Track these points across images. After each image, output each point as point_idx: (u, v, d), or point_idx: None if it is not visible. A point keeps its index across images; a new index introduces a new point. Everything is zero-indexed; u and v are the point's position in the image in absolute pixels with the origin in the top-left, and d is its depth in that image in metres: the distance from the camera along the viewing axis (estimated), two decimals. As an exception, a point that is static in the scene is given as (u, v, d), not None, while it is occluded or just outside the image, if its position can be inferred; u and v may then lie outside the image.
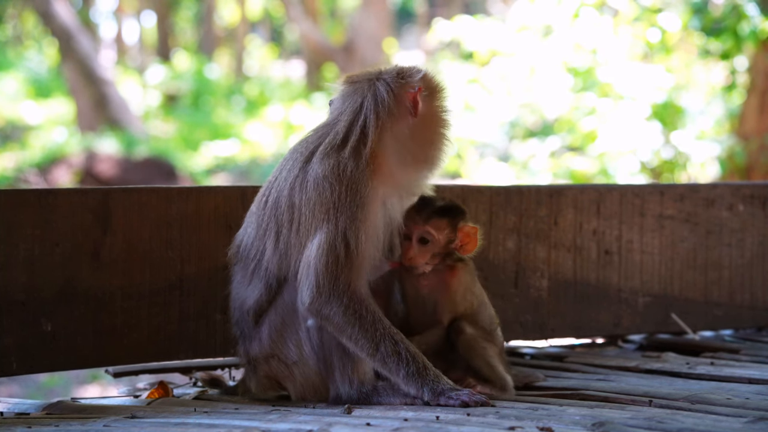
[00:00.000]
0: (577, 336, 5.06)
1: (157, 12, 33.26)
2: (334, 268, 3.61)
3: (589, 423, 3.21)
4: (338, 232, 3.62)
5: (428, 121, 3.80)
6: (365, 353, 3.63)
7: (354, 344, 3.64)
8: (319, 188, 3.67)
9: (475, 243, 3.90)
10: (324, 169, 3.69)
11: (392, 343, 3.60)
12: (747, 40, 10.10)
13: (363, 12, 24.53)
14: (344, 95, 3.85)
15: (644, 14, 11.77)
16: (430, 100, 3.80)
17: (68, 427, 3.49)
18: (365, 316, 3.62)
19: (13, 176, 17.46)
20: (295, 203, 3.73)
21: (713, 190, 5.23)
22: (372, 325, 3.61)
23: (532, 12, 12.59)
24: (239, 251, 3.92)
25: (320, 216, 3.66)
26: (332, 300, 3.61)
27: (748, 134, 11.60)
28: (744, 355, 4.75)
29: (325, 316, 3.64)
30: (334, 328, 3.65)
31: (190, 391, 4.29)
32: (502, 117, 13.57)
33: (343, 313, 3.61)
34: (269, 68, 33.25)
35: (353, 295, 3.63)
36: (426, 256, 3.85)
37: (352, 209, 3.63)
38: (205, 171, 19.15)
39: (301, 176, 3.75)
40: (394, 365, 3.60)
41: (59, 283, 4.07)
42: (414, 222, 3.83)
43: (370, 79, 3.81)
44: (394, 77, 3.78)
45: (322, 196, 3.66)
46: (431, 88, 3.82)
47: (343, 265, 3.61)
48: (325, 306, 3.62)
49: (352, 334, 3.63)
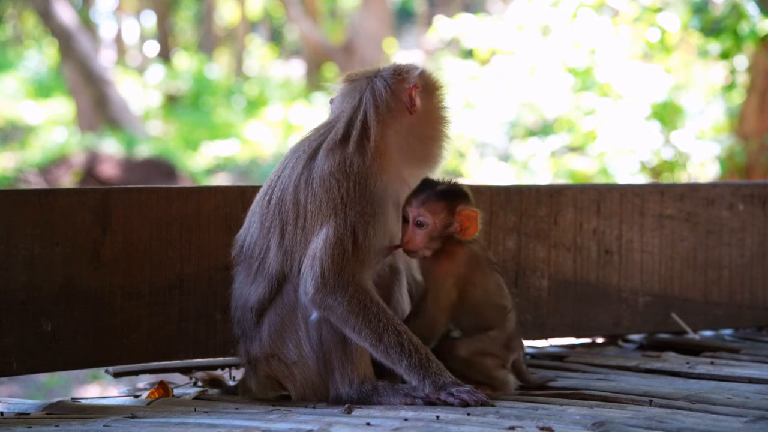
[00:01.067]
0: (577, 336, 5.06)
1: (157, 12, 33.24)
2: (339, 261, 3.62)
3: (589, 422, 3.21)
4: (347, 226, 3.63)
5: (427, 117, 3.82)
6: (368, 344, 3.63)
7: (357, 335, 3.64)
8: (326, 184, 3.69)
9: (475, 227, 3.79)
10: (330, 165, 3.71)
11: (395, 334, 3.60)
12: (747, 40, 10.10)
13: (363, 12, 24.52)
14: (344, 94, 3.89)
15: (644, 14, 11.77)
16: (427, 96, 3.82)
17: (68, 427, 3.49)
18: (369, 307, 3.62)
19: (13, 176, 17.47)
20: (301, 200, 3.74)
21: (713, 189, 5.23)
22: (376, 316, 3.61)
23: (531, 12, 12.58)
24: (242, 251, 3.92)
25: (327, 212, 3.67)
26: (336, 290, 3.62)
27: (748, 134, 11.60)
28: (744, 355, 4.75)
29: (328, 306, 3.64)
30: (337, 318, 3.65)
31: (191, 391, 4.29)
32: (502, 116, 13.56)
33: (348, 303, 3.61)
34: (269, 68, 33.25)
35: (357, 286, 3.63)
36: (424, 240, 3.77)
37: (361, 204, 3.65)
38: (205, 171, 19.16)
39: (306, 173, 3.76)
40: (396, 356, 3.59)
41: (59, 282, 4.07)
42: (410, 204, 3.78)
43: (368, 76, 3.84)
44: (391, 74, 3.81)
45: (329, 192, 3.68)
46: (429, 85, 3.84)
47: (349, 258, 3.63)
48: (329, 296, 3.63)
49: (355, 325, 3.62)
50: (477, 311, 3.86)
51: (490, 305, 3.89)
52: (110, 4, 34.61)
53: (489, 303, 3.89)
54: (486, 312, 3.88)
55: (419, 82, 3.78)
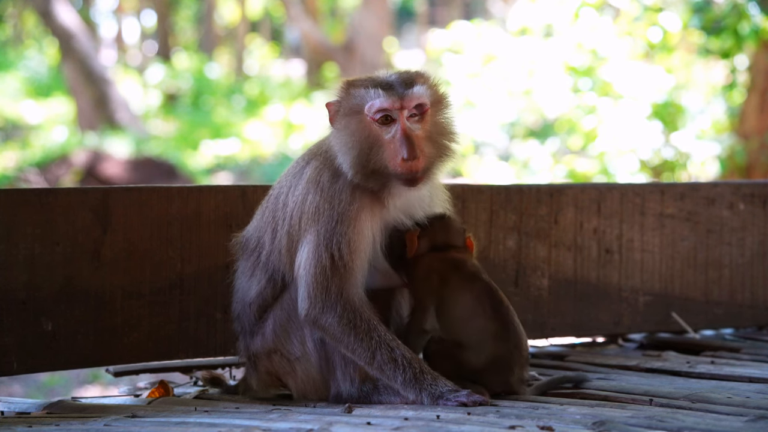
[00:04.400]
0: (578, 335, 5.06)
1: (157, 11, 33.24)
2: (322, 279, 3.63)
3: (589, 422, 3.21)
4: (320, 243, 3.64)
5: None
6: (363, 362, 3.65)
7: (352, 353, 3.66)
8: (303, 196, 3.71)
9: (413, 247, 3.82)
10: (309, 175, 3.73)
11: (388, 350, 3.61)
12: (747, 39, 10.10)
13: (363, 11, 24.51)
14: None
15: (645, 13, 11.77)
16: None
17: (69, 426, 3.49)
18: (360, 325, 3.63)
19: (13, 176, 17.46)
20: (289, 204, 3.76)
21: (714, 189, 5.23)
22: (367, 334, 3.62)
23: (533, 12, 12.58)
24: (242, 242, 3.94)
25: (304, 225, 3.70)
26: (326, 310, 3.63)
27: (749, 133, 11.60)
28: (744, 354, 4.76)
29: (321, 326, 3.67)
30: (331, 338, 3.69)
31: (191, 390, 4.30)
32: (503, 117, 13.56)
33: (338, 323, 3.63)
34: (269, 67, 33.24)
35: (346, 304, 3.64)
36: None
37: (334, 220, 3.64)
38: (206, 170, 19.14)
39: (298, 177, 3.78)
40: (391, 372, 3.61)
41: (59, 282, 4.07)
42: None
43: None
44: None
45: (304, 203, 3.70)
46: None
47: (330, 276, 3.62)
48: (320, 316, 3.65)
49: (348, 344, 3.65)
50: (451, 321, 3.78)
51: (464, 319, 3.78)
52: (110, 3, 34.63)
53: (463, 317, 3.79)
54: (460, 326, 3.78)
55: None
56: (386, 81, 3.68)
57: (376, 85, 3.66)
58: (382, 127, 3.64)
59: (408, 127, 3.63)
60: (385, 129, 3.64)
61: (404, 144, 3.60)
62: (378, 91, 3.63)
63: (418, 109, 3.66)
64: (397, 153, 3.61)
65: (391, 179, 3.64)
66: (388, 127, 3.64)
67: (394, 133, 3.63)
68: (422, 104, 3.66)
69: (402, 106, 3.62)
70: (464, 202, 4.68)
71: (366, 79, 3.73)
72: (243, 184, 4.46)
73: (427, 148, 3.67)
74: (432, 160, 3.70)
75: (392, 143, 3.63)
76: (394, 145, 3.62)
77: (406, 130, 3.62)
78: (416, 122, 3.66)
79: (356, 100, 3.67)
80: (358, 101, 3.67)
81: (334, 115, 3.73)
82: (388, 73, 3.74)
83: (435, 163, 3.72)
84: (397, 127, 3.63)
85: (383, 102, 3.62)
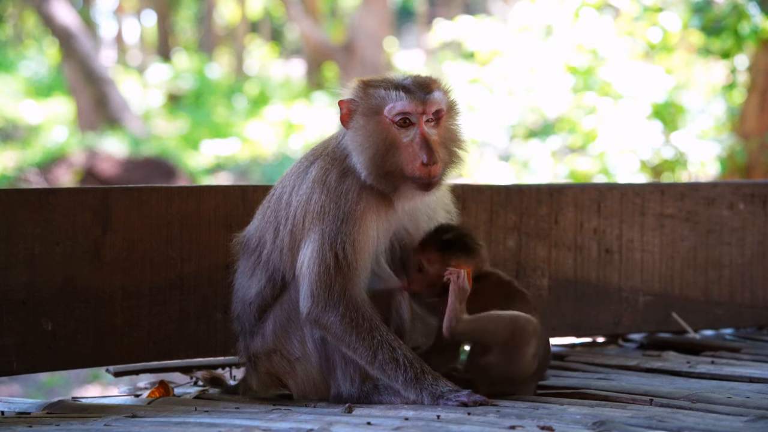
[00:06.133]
0: (578, 335, 5.06)
1: (158, 11, 33.24)
2: (326, 278, 3.63)
3: (589, 422, 3.21)
4: (324, 242, 3.64)
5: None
6: (364, 361, 3.66)
7: (353, 353, 3.67)
8: (309, 196, 3.71)
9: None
10: (315, 175, 3.73)
11: (390, 350, 3.62)
12: (747, 39, 10.11)
13: (363, 11, 24.50)
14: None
15: (645, 13, 11.77)
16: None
17: (69, 426, 3.49)
18: (362, 324, 3.63)
19: (13, 175, 17.46)
20: (293, 204, 3.75)
21: (713, 189, 5.23)
22: (369, 333, 3.63)
23: (533, 12, 12.58)
24: (243, 242, 3.94)
25: (308, 224, 3.70)
26: (328, 309, 3.63)
27: (749, 133, 11.60)
28: (744, 354, 4.76)
29: (323, 325, 3.67)
30: (333, 337, 3.69)
31: (191, 390, 4.30)
32: (503, 118, 13.55)
33: (340, 322, 3.63)
34: (269, 67, 33.23)
35: (349, 303, 3.64)
36: (421, 284, 3.82)
37: (339, 220, 3.64)
38: (206, 170, 19.14)
39: (302, 177, 3.77)
40: (392, 372, 3.62)
41: (60, 282, 4.08)
42: (415, 248, 3.85)
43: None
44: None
45: (309, 203, 3.70)
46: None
47: (334, 274, 3.63)
48: (322, 315, 3.65)
49: (350, 343, 3.65)
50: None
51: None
52: (110, 3, 34.63)
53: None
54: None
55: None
56: (405, 84, 3.68)
57: (396, 87, 3.66)
58: (400, 129, 3.64)
59: (427, 131, 3.64)
60: (403, 132, 3.65)
61: (424, 148, 3.60)
62: (400, 93, 3.64)
63: (435, 115, 3.67)
64: (416, 157, 3.61)
65: (406, 182, 3.65)
66: (406, 130, 3.65)
67: (413, 137, 3.64)
68: (440, 110, 3.68)
69: (424, 111, 3.64)
70: (464, 202, 4.68)
71: (384, 80, 3.73)
72: (243, 184, 4.46)
73: (441, 153, 3.68)
74: (445, 166, 3.71)
75: (410, 147, 3.63)
76: (412, 149, 3.62)
77: (425, 135, 3.63)
78: (432, 127, 3.67)
79: (375, 101, 3.67)
80: (378, 102, 3.67)
81: (347, 114, 3.72)
82: (402, 76, 3.75)
83: (447, 169, 3.73)
84: (417, 131, 3.64)
85: (405, 105, 3.62)
